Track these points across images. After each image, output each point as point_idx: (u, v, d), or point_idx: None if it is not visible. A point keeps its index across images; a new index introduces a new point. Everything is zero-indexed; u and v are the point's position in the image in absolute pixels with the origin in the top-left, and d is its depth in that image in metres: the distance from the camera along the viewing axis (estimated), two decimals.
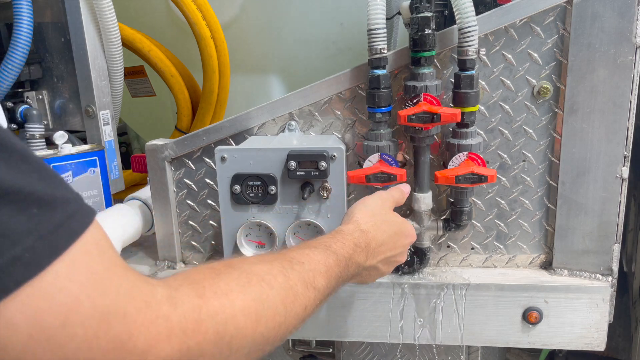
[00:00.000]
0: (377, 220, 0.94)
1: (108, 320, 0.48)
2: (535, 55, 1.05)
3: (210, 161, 1.18)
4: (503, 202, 1.13)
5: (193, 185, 1.20)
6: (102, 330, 0.48)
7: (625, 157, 1.04)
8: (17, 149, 0.46)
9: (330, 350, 1.49)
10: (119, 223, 1.22)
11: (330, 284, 0.78)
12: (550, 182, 1.10)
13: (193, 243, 1.25)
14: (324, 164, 1.03)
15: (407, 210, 1.15)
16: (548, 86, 1.05)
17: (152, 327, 0.51)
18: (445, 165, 1.09)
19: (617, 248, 1.09)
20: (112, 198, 1.36)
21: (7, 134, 0.46)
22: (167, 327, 0.52)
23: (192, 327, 0.54)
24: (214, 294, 0.59)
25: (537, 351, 1.86)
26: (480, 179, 1.03)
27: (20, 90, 1.40)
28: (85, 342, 0.47)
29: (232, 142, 1.16)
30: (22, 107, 1.38)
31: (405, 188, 1.07)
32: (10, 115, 1.38)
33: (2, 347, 0.44)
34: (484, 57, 1.06)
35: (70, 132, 1.39)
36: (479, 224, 1.15)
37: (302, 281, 0.72)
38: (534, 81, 1.06)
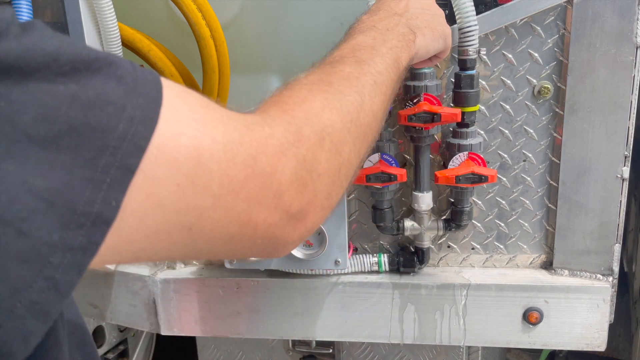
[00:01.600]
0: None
1: (230, 149, 0.51)
2: (536, 55, 1.04)
3: None
4: (503, 202, 1.13)
5: None
6: (230, 161, 0.50)
7: (625, 157, 1.04)
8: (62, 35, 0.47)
9: (330, 351, 1.49)
10: None
11: (387, 62, 0.78)
12: (551, 182, 1.10)
13: None
14: None
15: (407, 210, 1.15)
16: (548, 86, 1.05)
17: (267, 147, 0.54)
18: (445, 165, 1.09)
19: (617, 248, 1.09)
20: None
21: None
22: (278, 144, 0.55)
23: (295, 137, 0.58)
24: (294, 104, 0.63)
25: (538, 351, 1.86)
26: (480, 179, 1.03)
27: None
28: (223, 176, 0.50)
29: None
30: None
31: None
32: None
33: (159, 203, 0.46)
34: (484, 57, 1.06)
35: None
36: (479, 224, 1.15)
37: (357, 65, 0.75)
38: (534, 81, 1.06)
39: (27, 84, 0.40)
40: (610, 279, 1.10)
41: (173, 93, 0.49)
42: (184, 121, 0.48)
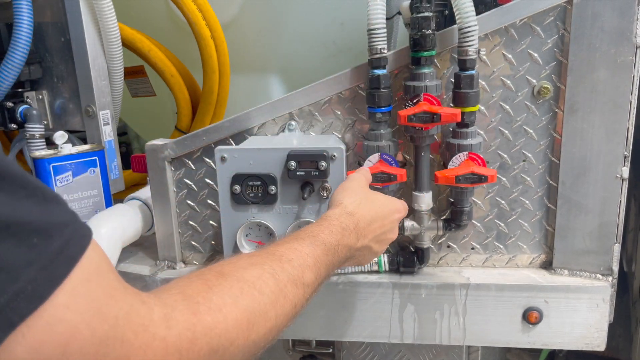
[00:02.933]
0: (362, 200, 0.93)
1: (106, 345, 0.49)
2: (536, 55, 1.04)
3: (210, 161, 1.18)
4: (503, 202, 1.13)
5: (193, 185, 1.20)
6: (100, 356, 0.49)
7: (625, 157, 1.04)
8: (16, 175, 0.47)
9: (330, 350, 1.49)
10: (119, 223, 1.22)
11: (320, 275, 0.79)
12: (551, 182, 1.10)
13: (193, 243, 1.25)
14: (324, 164, 1.03)
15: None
16: (548, 86, 1.05)
17: (149, 350, 0.53)
18: (445, 165, 1.09)
19: (617, 248, 1.09)
20: (112, 198, 1.36)
21: (4, 161, 0.46)
22: (163, 348, 0.54)
23: (187, 346, 0.56)
24: (207, 309, 0.61)
25: (538, 351, 1.86)
26: (480, 179, 1.03)
27: (20, 90, 1.40)
28: None
29: (232, 142, 1.16)
30: (22, 107, 1.38)
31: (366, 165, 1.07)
32: (10, 115, 1.38)
33: None
34: (484, 57, 1.06)
35: (70, 132, 1.39)
36: (479, 224, 1.15)
37: (292, 281, 0.73)
38: (534, 81, 1.06)
39: None
40: (610, 279, 1.10)
41: (85, 274, 0.49)
42: (73, 307, 0.48)
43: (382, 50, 1.02)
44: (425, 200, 1.09)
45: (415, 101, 1.03)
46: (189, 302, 0.60)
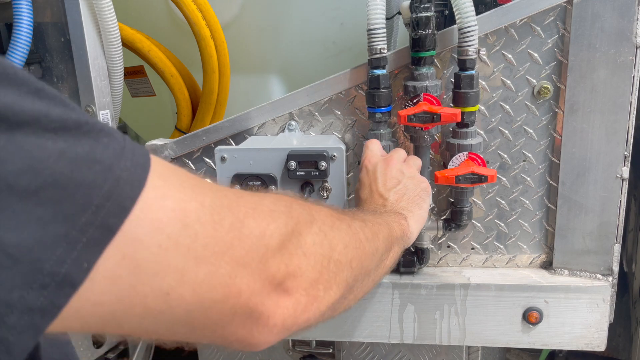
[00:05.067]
0: (371, 184, 0.96)
1: (218, 212, 0.51)
2: (536, 55, 1.04)
3: (210, 161, 1.18)
4: (503, 202, 1.13)
5: None
6: (216, 220, 0.50)
7: (625, 157, 1.04)
8: (35, 83, 0.45)
9: (330, 350, 1.49)
10: None
11: (386, 249, 0.81)
12: (551, 182, 1.10)
13: None
14: (324, 164, 1.03)
15: None
16: (548, 86, 1.05)
17: (256, 211, 0.56)
18: (445, 165, 1.09)
19: (617, 248, 1.09)
20: None
21: (30, 77, 0.45)
22: (268, 210, 0.57)
23: (286, 209, 0.60)
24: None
25: (538, 351, 1.86)
26: (480, 179, 1.03)
27: None
28: (208, 237, 0.49)
29: (232, 142, 1.16)
30: None
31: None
32: None
33: (137, 265, 0.45)
34: (484, 57, 1.06)
35: None
36: (479, 224, 1.15)
37: (372, 236, 0.76)
38: (534, 81, 1.06)
39: (14, 135, 0.39)
40: (610, 279, 1.10)
41: (162, 165, 0.50)
42: (172, 187, 0.48)
43: (382, 50, 1.02)
44: None
45: (415, 101, 1.03)
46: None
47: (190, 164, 1.19)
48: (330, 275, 0.63)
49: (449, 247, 1.18)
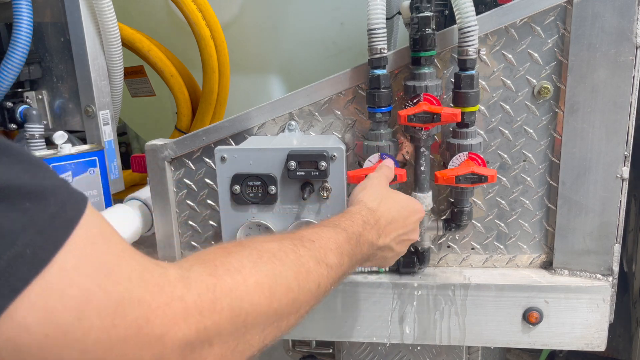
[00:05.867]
0: (382, 198, 0.91)
1: (123, 307, 0.47)
2: (536, 55, 1.04)
3: (210, 161, 1.18)
4: (503, 202, 1.13)
5: (193, 185, 1.20)
6: (118, 318, 0.47)
7: (625, 157, 1.04)
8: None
9: (330, 351, 1.49)
10: (119, 223, 1.22)
11: (343, 261, 0.76)
12: (551, 182, 1.10)
13: (193, 243, 1.25)
14: (324, 164, 1.03)
15: None
16: (548, 86, 1.05)
17: (168, 309, 0.50)
18: (445, 165, 1.09)
19: (617, 248, 1.09)
20: (112, 198, 1.36)
21: None
22: (183, 308, 0.52)
23: (207, 306, 0.54)
24: (226, 271, 0.58)
25: (538, 351, 1.85)
26: (480, 179, 1.02)
27: (19, 90, 1.40)
28: (103, 333, 0.46)
29: (232, 142, 1.16)
30: (22, 107, 1.38)
31: (389, 163, 1.05)
32: (10, 115, 1.38)
33: (18, 349, 0.43)
34: (484, 57, 1.06)
35: (70, 132, 1.39)
36: (479, 224, 1.15)
37: (314, 258, 0.71)
38: (534, 81, 1.06)
39: None
40: (610, 279, 1.10)
41: (89, 236, 0.47)
42: (83, 270, 0.46)
43: (382, 50, 1.02)
44: (425, 200, 1.09)
45: (415, 101, 1.03)
46: (207, 264, 0.58)
47: (190, 164, 1.19)
48: (236, 356, 0.59)
49: (449, 247, 1.18)
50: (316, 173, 1.04)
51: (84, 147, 1.31)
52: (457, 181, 1.03)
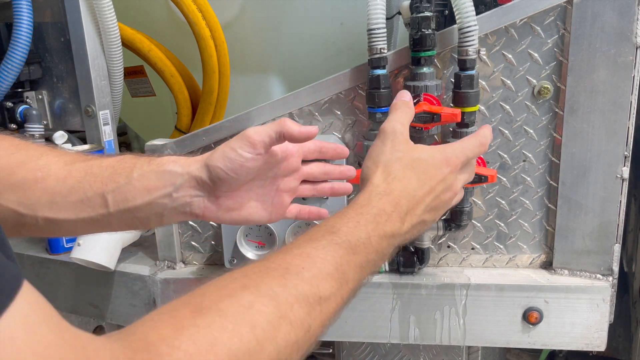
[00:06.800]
0: (397, 171, 0.79)
1: None
2: (536, 55, 1.04)
3: None
4: (503, 202, 1.13)
5: None
6: None
7: (625, 157, 1.04)
8: None
9: (330, 351, 1.49)
10: None
11: (347, 280, 0.65)
12: (551, 182, 1.10)
13: (193, 243, 1.25)
14: None
15: None
16: (548, 86, 1.05)
17: None
18: None
19: (617, 248, 1.09)
20: None
21: None
22: None
23: None
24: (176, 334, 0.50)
25: (538, 351, 1.85)
26: (480, 179, 1.02)
27: (19, 90, 1.40)
28: None
29: None
30: (22, 107, 1.38)
31: (406, 96, 0.92)
32: (10, 115, 1.38)
33: None
34: (484, 57, 1.06)
35: (70, 132, 1.39)
36: (479, 224, 1.15)
37: (301, 299, 0.60)
38: (534, 81, 1.06)
39: None
40: (610, 279, 1.10)
41: (21, 317, 0.40)
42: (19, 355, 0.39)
43: (382, 50, 1.02)
44: None
45: (415, 101, 1.03)
46: (151, 352, 0.48)
47: None
48: None
49: (449, 247, 1.18)
50: None
51: (84, 147, 1.31)
52: None
